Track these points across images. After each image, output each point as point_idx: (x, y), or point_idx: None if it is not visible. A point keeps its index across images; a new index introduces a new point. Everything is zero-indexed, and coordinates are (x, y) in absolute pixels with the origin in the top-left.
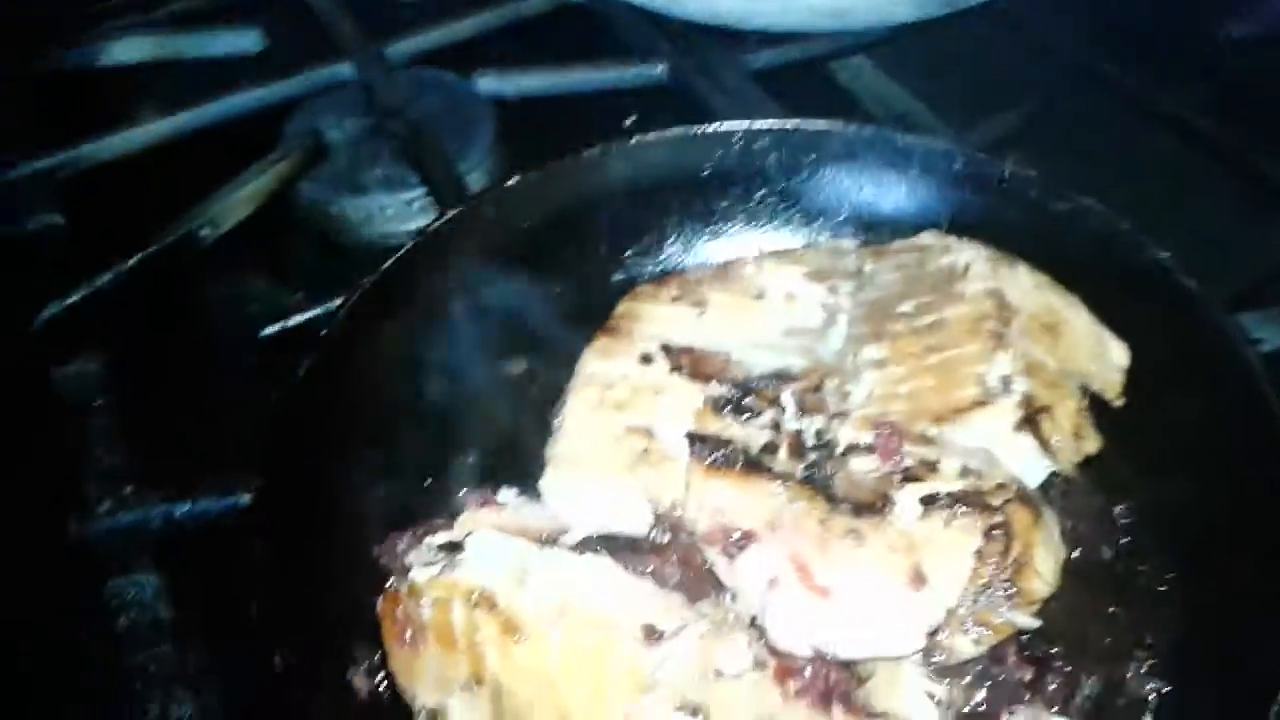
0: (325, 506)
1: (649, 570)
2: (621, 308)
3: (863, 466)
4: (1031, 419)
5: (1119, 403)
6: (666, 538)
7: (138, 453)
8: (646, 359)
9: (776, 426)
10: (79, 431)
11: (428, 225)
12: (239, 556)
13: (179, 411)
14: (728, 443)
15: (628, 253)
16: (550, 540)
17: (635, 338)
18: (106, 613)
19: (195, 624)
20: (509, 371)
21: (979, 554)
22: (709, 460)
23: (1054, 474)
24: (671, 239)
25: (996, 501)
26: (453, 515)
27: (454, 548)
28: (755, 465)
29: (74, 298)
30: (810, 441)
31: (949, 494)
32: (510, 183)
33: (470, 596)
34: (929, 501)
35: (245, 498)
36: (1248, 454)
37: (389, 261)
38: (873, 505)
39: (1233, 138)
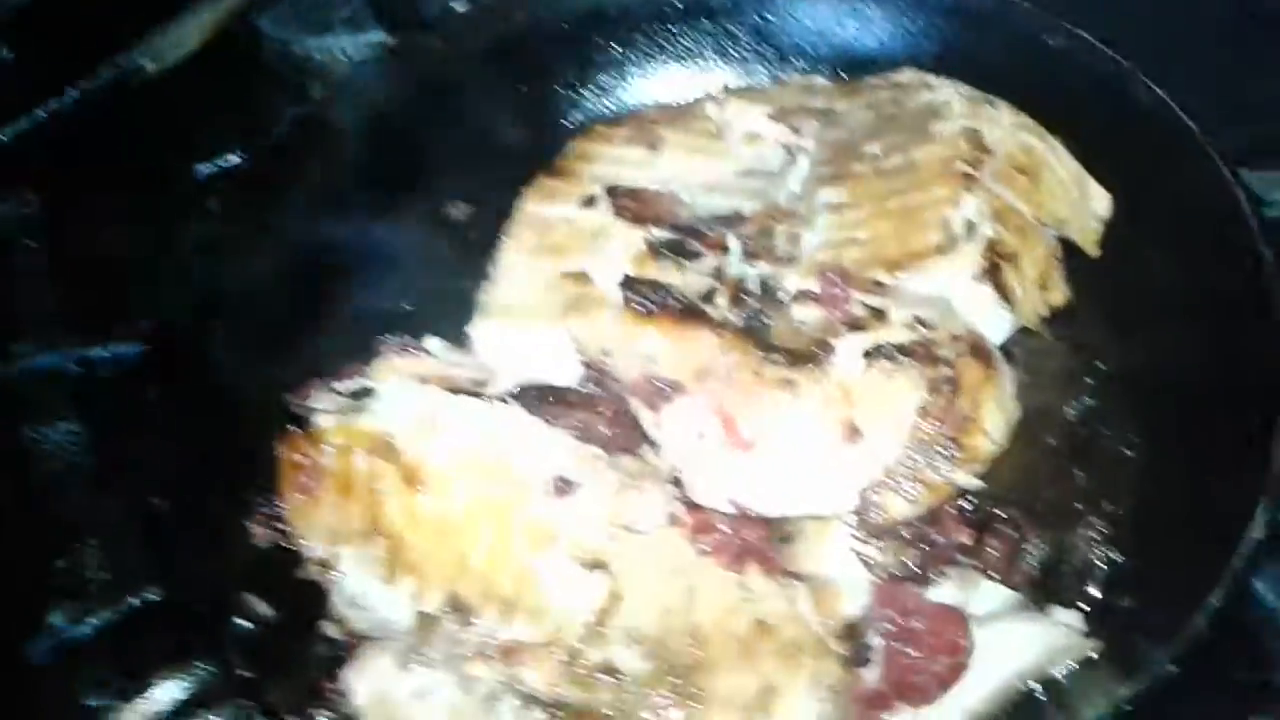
0: (234, 352)
1: (573, 423)
2: (571, 148)
3: (806, 315)
4: (994, 266)
5: (1096, 254)
6: (596, 389)
7: (62, 296)
8: (589, 201)
9: (719, 273)
10: (4, 272)
11: (365, 53)
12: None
13: (109, 254)
14: (663, 288)
15: (585, 90)
16: (474, 390)
17: (581, 178)
18: (23, 459)
19: (110, 473)
20: (449, 215)
21: (922, 409)
22: (641, 306)
23: (1020, 330)
24: (633, 76)
25: (946, 354)
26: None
27: (365, 394)
28: (690, 312)
29: (5, 135)
30: (753, 289)
31: (894, 345)
32: (460, 7)
33: (372, 442)
34: (872, 353)
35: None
36: (1234, 317)
37: (319, 94)
38: (811, 355)
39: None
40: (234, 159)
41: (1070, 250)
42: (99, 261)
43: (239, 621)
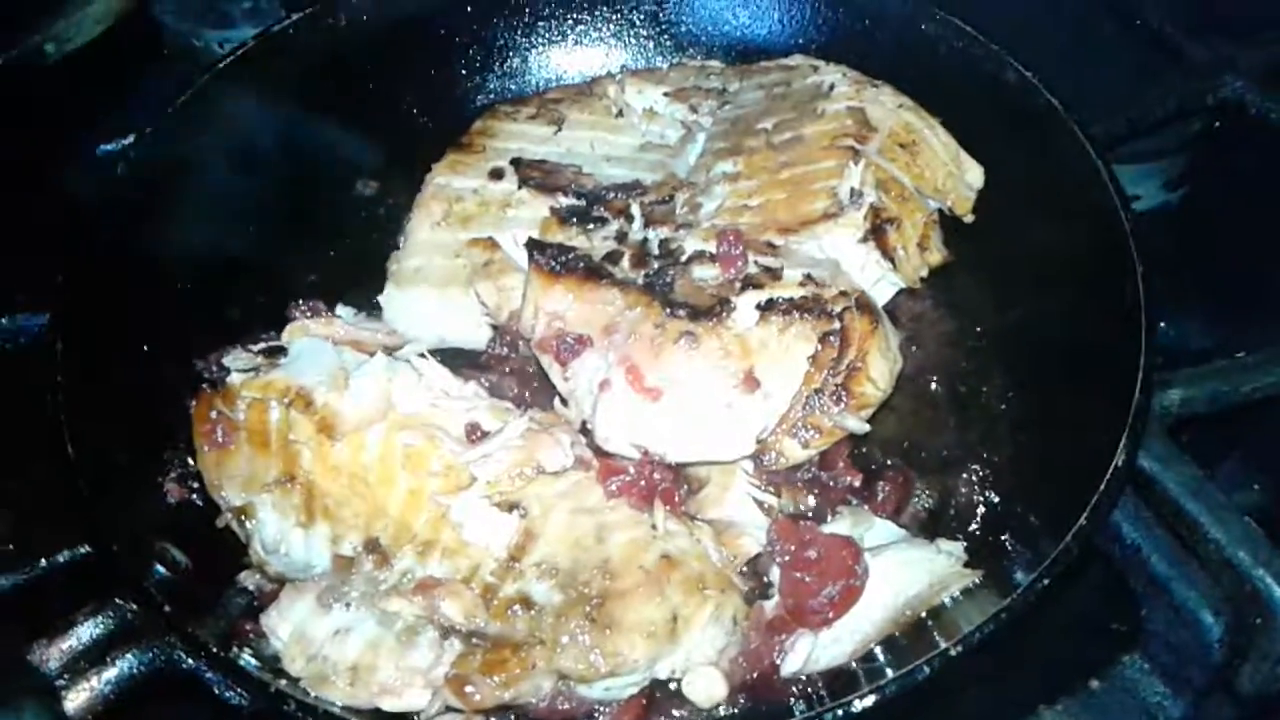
0: (141, 320)
1: (483, 382)
2: (477, 125)
3: (705, 274)
4: (878, 229)
5: (969, 219)
6: (505, 350)
7: None
8: (496, 174)
9: (621, 237)
10: None
11: (263, 30)
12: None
13: (6, 228)
14: (569, 250)
15: (490, 74)
16: (386, 352)
17: (488, 153)
18: None
19: (10, 446)
20: (359, 192)
21: (813, 358)
22: (548, 266)
23: (905, 293)
24: (536, 61)
25: (835, 309)
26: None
27: (276, 352)
28: (595, 272)
29: None
30: (654, 251)
31: (788, 300)
32: None
33: (286, 395)
34: (767, 307)
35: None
36: (1096, 280)
37: (218, 66)
38: (710, 310)
39: None
40: (134, 139)
41: (948, 221)
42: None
43: (160, 570)
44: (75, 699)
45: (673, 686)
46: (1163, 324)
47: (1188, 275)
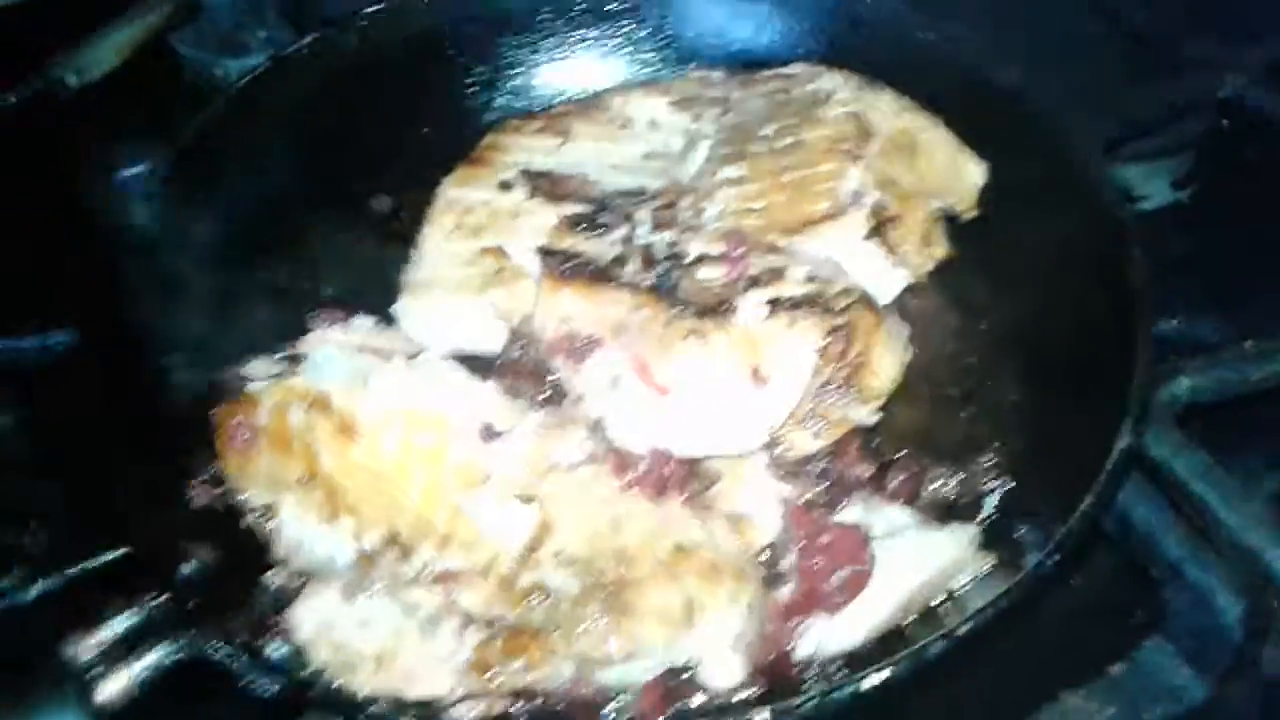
0: (166, 333)
1: (498, 385)
2: (486, 140)
3: (710, 275)
4: (880, 227)
5: (971, 214)
6: (519, 354)
7: None
8: (506, 185)
9: (628, 241)
10: None
11: (278, 51)
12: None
13: (30, 251)
14: (578, 255)
15: (496, 92)
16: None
17: (497, 166)
18: None
19: (47, 458)
20: (373, 208)
21: (820, 353)
22: (558, 271)
23: (910, 291)
24: (542, 77)
25: (839, 305)
26: None
27: (295, 360)
28: (603, 275)
29: None
30: (661, 254)
31: (792, 297)
32: (372, 9)
33: (307, 398)
34: (773, 304)
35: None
36: (1095, 269)
37: (236, 86)
38: (717, 308)
39: None
40: (152, 165)
41: (952, 220)
42: (22, 259)
43: (189, 570)
44: (105, 690)
45: (685, 675)
46: (1175, 320)
47: (1199, 272)
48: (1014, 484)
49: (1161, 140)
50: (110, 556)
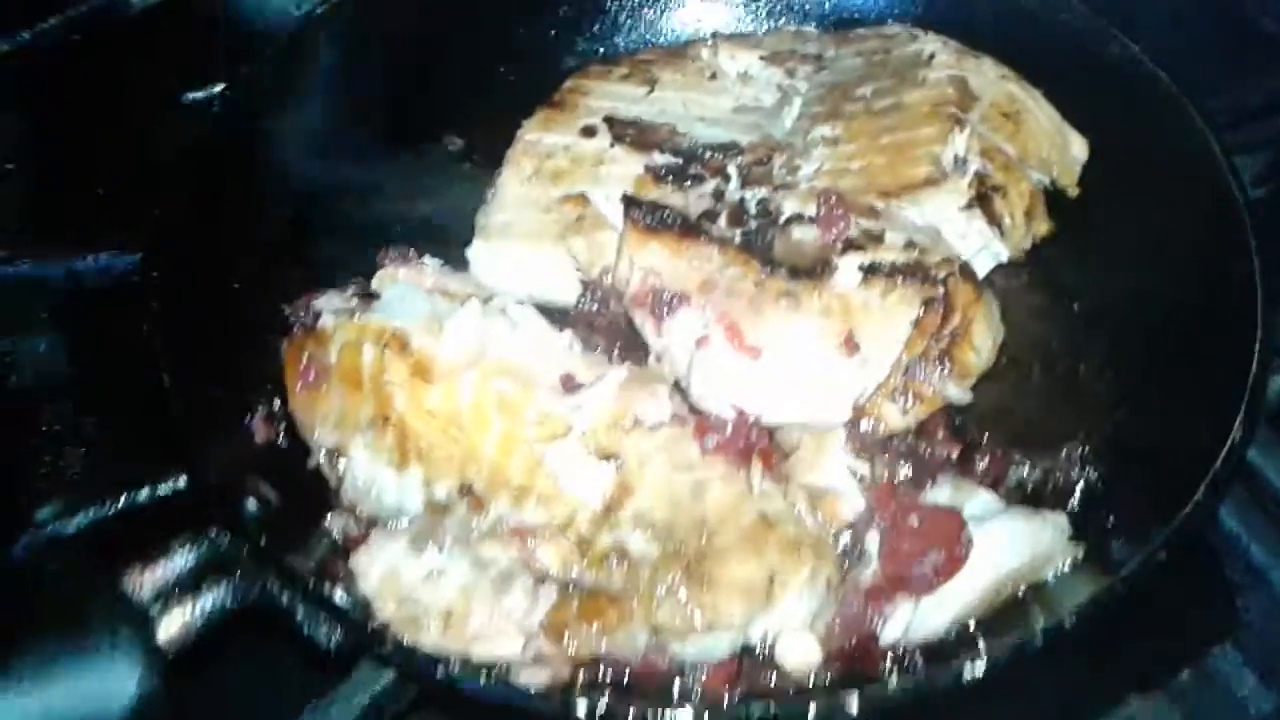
0: (231, 260)
1: (573, 335)
2: (569, 83)
3: (805, 235)
4: (984, 196)
5: (1074, 192)
6: (595, 306)
7: (44, 213)
8: (589, 131)
9: (718, 196)
10: None
11: None
12: (138, 307)
13: (93, 172)
14: (665, 207)
15: (579, 36)
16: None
17: (580, 111)
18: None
19: (91, 383)
20: (446, 147)
21: (916, 323)
22: (644, 222)
23: (1000, 269)
24: (626, 23)
25: (939, 274)
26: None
27: (369, 296)
28: (692, 229)
29: None
30: (752, 210)
31: (891, 263)
32: None
33: (381, 338)
34: (870, 270)
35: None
36: (1204, 256)
37: (311, 13)
38: (811, 270)
39: None
40: (220, 87)
41: (1050, 195)
42: (87, 175)
43: (252, 506)
44: (167, 630)
45: (760, 655)
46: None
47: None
48: (1104, 474)
49: (1244, 135)
50: (166, 487)
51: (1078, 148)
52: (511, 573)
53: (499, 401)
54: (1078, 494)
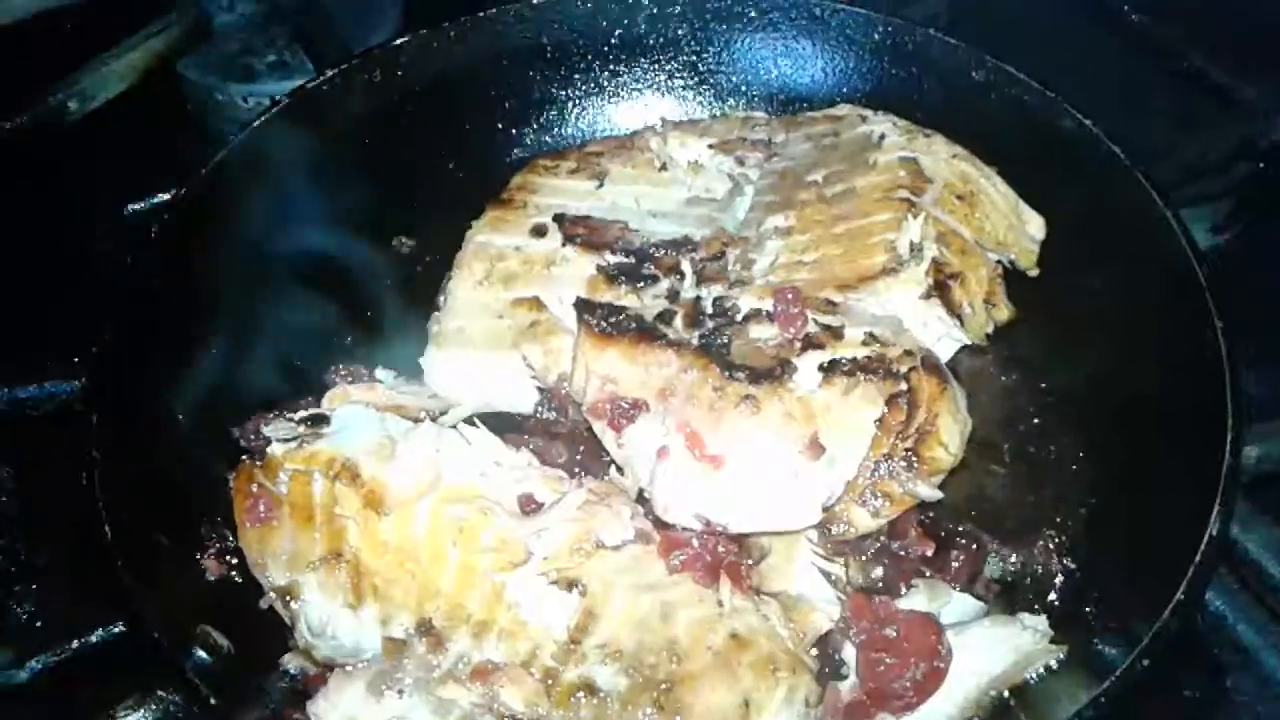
0: (174, 388)
1: (531, 448)
2: (517, 180)
3: (762, 334)
4: (942, 285)
5: (1034, 273)
6: (553, 415)
7: None
8: (539, 231)
9: (673, 295)
10: None
11: (300, 85)
12: (80, 442)
13: (34, 292)
14: (620, 310)
15: (526, 127)
16: (430, 418)
17: (529, 209)
18: None
19: (39, 518)
20: (396, 249)
21: (881, 422)
22: (599, 327)
23: (965, 349)
24: (573, 113)
25: (901, 368)
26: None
27: (319, 421)
28: (648, 333)
29: None
30: (708, 310)
31: (851, 360)
32: (397, 42)
33: (331, 467)
34: (830, 368)
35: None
36: (1169, 332)
37: (253, 124)
38: (771, 372)
39: (1170, 35)
40: (162, 198)
41: (1009, 273)
42: (22, 299)
43: (201, 654)
44: None
45: None
46: None
47: (1240, 321)
48: (1082, 564)
49: (1205, 185)
50: (114, 631)
51: (1035, 227)
52: (474, 715)
53: (456, 529)
54: (1057, 585)
